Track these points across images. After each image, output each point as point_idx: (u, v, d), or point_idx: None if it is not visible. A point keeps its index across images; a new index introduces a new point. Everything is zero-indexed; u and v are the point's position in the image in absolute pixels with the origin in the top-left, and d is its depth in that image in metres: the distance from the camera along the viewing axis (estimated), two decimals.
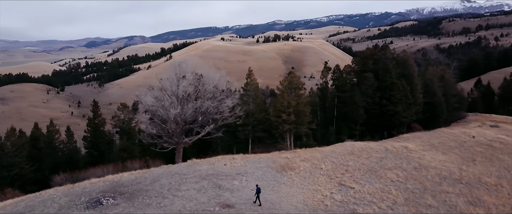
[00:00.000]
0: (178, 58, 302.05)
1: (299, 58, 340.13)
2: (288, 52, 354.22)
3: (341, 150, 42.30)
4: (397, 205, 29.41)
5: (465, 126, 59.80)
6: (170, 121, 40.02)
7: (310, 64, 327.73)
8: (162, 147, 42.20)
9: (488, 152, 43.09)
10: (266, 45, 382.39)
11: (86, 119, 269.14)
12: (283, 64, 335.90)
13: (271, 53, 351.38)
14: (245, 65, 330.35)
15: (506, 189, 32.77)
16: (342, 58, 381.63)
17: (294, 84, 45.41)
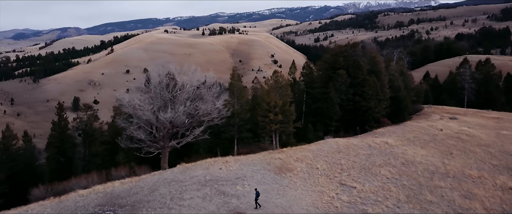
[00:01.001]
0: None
1: (246, 51, 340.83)
2: (235, 45, 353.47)
3: (328, 148, 42.96)
4: (402, 203, 30.48)
5: (428, 119, 63.41)
6: (160, 124, 38.13)
7: (257, 57, 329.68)
8: (147, 152, 40.16)
9: (459, 144, 45.99)
10: (213, 38, 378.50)
11: (22, 117, 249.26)
12: (231, 57, 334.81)
13: (218, 46, 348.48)
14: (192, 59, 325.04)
15: (489, 181, 35.22)
16: (287, 51, 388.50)
17: (280, 83, 45.36)
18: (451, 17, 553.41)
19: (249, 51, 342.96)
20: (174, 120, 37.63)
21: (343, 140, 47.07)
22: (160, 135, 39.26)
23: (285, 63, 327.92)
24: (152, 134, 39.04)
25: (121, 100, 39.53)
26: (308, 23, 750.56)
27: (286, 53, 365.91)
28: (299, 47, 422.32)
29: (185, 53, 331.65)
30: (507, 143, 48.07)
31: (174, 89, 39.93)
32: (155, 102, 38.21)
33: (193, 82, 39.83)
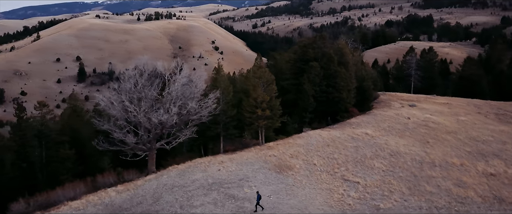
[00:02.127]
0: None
1: (186, 37, 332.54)
2: (173, 31, 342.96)
3: (315, 142, 43.41)
4: (406, 196, 31.74)
5: (391, 107, 66.51)
6: (151, 126, 35.77)
7: (198, 43, 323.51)
8: (134, 155, 37.65)
9: (431, 133, 48.88)
10: (149, 24, 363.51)
11: None
12: (170, 44, 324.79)
13: (155, 32, 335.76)
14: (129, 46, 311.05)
15: (472, 168, 37.92)
16: (227, 38, 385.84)
17: (265, 78, 44.60)
18: (379, 4, 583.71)
19: (188, 37, 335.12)
20: (166, 121, 35.54)
21: (325, 132, 47.80)
22: (150, 137, 36.94)
23: (227, 50, 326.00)
24: (139, 136, 36.55)
25: (103, 102, 36.39)
26: (245, 9, 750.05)
27: (226, 40, 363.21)
28: (238, 34, 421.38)
29: (121, 40, 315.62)
30: (469, 129, 52.05)
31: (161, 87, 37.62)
32: (143, 103, 35.69)
33: (181, 79, 37.77)
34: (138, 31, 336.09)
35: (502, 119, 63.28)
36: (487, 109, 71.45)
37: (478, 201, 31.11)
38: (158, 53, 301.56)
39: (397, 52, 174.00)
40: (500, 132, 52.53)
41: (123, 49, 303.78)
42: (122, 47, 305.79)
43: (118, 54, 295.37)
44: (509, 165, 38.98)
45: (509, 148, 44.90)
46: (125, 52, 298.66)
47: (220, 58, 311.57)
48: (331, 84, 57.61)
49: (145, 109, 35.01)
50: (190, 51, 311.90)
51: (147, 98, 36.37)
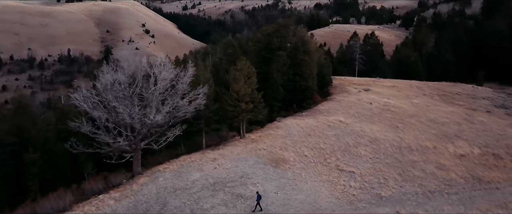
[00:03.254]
0: None
1: (114, 20, 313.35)
2: (99, 13, 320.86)
3: (295, 132, 44.17)
4: (400, 182, 33.79)
5: (349, 92, 69.32)
6: (142, 127, 33.71)
7: (127, 27, 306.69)
8: (119, 157, 35.37)
9: (396, 117, 52.09)
10: (71, 6, 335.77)
11: None
12: (96, 27, 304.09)
13: (79, 15, 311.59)
14: (50, 30, 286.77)
15: (444, 151, 41.26)
16: (157, 20, 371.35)
17: (245, 71, 43.79)
18: None
19: (116, 20, 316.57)
20: (157, 121, 33.78)
21: (300, 121, 48.74)
22: (136, 137, 34.88)
23: (158, 33, 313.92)
24: (124, 136, 34.33)
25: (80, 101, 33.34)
26: None
27: (157, 23, 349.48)
28: (169, 16, 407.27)
29: (40, 23, 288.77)
30: (425, 111, 56.31)
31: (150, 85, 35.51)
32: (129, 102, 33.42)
33: (167, 75, 35.87)
34: (60, 14, 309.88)
35: (446, 100, 69.28)
36: (429, 90, 77.68)
37: (461, 182, 34.15)
38: (83, 37, 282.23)
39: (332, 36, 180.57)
40: (451, 113, 57.56)
41: (43, 34, 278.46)
42: (42, 32, 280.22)
43: (38, 39, 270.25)
44: (472, 145, 43.06)
45: (465, 128, 49.47)
46: (46, 36, 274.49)
47: (151, 42, 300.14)
48: (297, 73, 58.55)
49: (137, 110, 32.83)
50: (119, 35, 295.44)
51: (132, 97, 34.16)
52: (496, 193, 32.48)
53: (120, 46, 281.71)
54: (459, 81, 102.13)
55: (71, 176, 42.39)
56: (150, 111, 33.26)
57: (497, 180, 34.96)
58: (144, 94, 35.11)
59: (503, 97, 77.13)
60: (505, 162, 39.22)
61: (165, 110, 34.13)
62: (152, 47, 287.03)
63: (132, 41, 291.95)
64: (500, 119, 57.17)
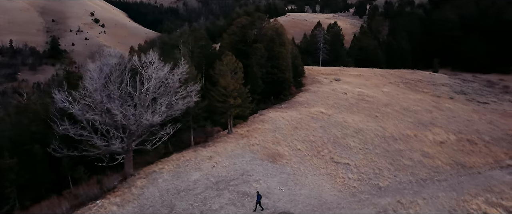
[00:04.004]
0: None
1: (59, 9, 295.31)
2: (43, 2, 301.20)
3: (282, 125, 44.60)
4: (394, 172, 35.29)
5: (320, 82, 70.63)
6: (137, 128, 32.47)
7: (74, 16, 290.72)
8: (111, 159, 34.02)
9: (372, 107, 54.04)
10: None
11: None
12: (40, 16, 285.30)
13: (21, 4, 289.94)
14: None
15: (424, 138, 43.49)
16: (106, 8, 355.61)
17: (232, 66, 43.18)
18: None
19: (62, 8, 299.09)
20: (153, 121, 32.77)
21: (284, 114, 49.21)
22: (132, 139, 33.65)
23: (108, 22, 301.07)
24: (120, 138, 33.00)
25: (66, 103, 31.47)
26: None
27: (106, 11, 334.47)
28: (119, 4, 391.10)
29: None
30: (397, 100, 58.91)
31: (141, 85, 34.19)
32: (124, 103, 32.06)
33: (161, 74, 34.67)
34: None
35: (411, 88, 72.81)
36: (393, 78, 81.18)
37: (448, 169, 36.31)
38: (26, 28, 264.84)
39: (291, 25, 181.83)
40: (420, 101, 60.66)
41: None
42: None
43: None
44: (448, 132, 45.77)
45: (437, 115, 52.40)
46: None
47: (101, 31, 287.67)
48: (275, 65, 58.84)
49: (132, 111, 31.57)
50: (66, 25, 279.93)
51: (123, 97, 32.82)
52: (479, 177, 34.89)
53: (68, 36, 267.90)
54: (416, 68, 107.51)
55: (51, 181, 40.22)
56: (144, 111, 32.07)
57: (478, 164, 37.55)
58: (134, 94, 33.77)
59: (460, 84, 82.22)
60: (480, 147, 42.13)
61: (162, 109, 33.10)
62: (102, 37, 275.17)
63: (81, 31, 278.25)
64: (463, 105, 61.07)
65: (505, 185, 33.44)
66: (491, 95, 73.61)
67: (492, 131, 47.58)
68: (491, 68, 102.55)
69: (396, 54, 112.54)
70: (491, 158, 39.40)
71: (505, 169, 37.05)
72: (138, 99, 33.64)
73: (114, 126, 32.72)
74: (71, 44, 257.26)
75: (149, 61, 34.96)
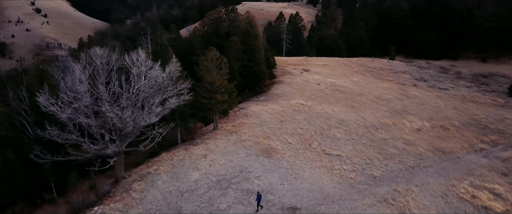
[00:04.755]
0: None
1: None
2: None
3: (267, 118, 44.97)
4: (384, 161, 36.84)
5: (291, 73, 71.47)
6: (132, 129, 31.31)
7: (13, 6, 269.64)
8: (102, 163, 32.72)
9: (347, 97, 55.75)
10: None
11: None
12: None
13: None
14: None
15: (403, 126, 45.65)
16: None
17: (216, 62, 42.44)
18: None
19: None
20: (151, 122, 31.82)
21: (265, 107, 49.51)
22: (126, 141, 32.49)
23: (51, 12, 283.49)
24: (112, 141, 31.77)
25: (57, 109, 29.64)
26: None
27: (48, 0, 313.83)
28: None
29: None
30: (368, 89, 61.16)
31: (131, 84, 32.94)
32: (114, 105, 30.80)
33: (152, 72, 33.55)
34: None
35: (376, 76, 75.77)
36: (356, 67, 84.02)
37: (430, 155, 38.53)
38: None
39: None
40: (388, 89, 63.40)
41: None
42: None
43: None
44: (421, 119, 48.38)
45: (407, 103, 55.12)
46: None
47: (44, 22, 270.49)
48: (251, 58, 58.84)
49: (129, 113, 30.39)
50: (4, 16, 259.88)
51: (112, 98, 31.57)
52: (460, 162, 37.42)
53: (7, 27, 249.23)
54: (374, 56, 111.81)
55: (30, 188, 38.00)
56: (138, 112, 31.04)
57: (455, 150, 40.18)
58: (125, 94, 32.51)
59: (417, 71, 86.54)
60: (453, 132, 45.02)
61: (158, 109, 32.20)
62: (45, 28, 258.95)
63: (21, 21, 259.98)
64: (427, 92, 64.63)
65: (483, 168, 36.19)
66: (448, 81, 78.36)
67: (459, 116, 50.93)
68: (442, 54, 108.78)
69: (355, 43, 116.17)
70: (465, 142, 42.28)
71: (479, 153, 39.99)
72: (129, 99, 32.42)
73: (108, 128, 31.38)
74: (10, 36, 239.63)
75: (139, 60, 33.70)
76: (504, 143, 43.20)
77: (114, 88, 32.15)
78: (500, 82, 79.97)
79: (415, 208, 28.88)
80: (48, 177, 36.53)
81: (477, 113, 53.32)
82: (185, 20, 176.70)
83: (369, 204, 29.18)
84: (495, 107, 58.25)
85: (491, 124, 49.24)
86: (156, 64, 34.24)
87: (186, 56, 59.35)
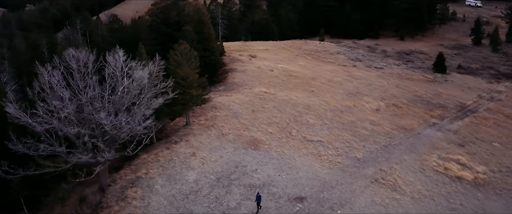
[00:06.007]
0: None
1: None
2: None
3: (238, 110, 45.13)
4: (361, 143, 39.40)
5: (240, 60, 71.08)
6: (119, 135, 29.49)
7: None
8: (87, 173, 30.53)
9: (303, 82, 57.86)
10: None
11: None
12: None
13: None
14: None
15: (363, 107, 48.92)
16: None
17: (187, 55, 40.72)
18: None
19: None
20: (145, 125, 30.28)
21: (231, 98, 49.43)
22: (114, 147, 30.58)
23: None
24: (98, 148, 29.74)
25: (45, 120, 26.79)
26: None
27: None
28: None
29: None
30: (318, 72, 64.11)
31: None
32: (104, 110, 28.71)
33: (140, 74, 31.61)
34: None
35: (317, 58, 79.35)
36: (294, 50, 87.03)
37: (396, 133, 42.18)
38: None
39: None
40: (334, 71, 67.06)
41: None
42: None
43: None
44: (375, 99, 52.30)
45: (357, 85, 59.00)
46: None
47: None
48: (207, 47, 57.81)
49: (124, 119, 28.55)
50: None
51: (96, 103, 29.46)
52: (421, 137, 41.63)
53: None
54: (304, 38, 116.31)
55: None
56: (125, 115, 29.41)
57: (414, 126, 44.47)
58: (110, 98, 30.48)
59: (349, 51, 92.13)
60: (405, 110, 49.55)
61: (148, 112, 30.71)
62: None
63: None
64: (368, 72, 69.58)
65: (442, 141, 40.77)
66: (379, 60, 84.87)
67: (404, 94, 56.03)
68: (365, 34, 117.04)
69: (285, 26, 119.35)
70: (419, 118, 46.93)
71: (433, 127, 44.79)
72: (115, 103, 30.45)
73: (94, 136, 29.26)
74: None
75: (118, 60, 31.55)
76: (448, 116, 48.81)
77: (94, 93, 29.85)
78: (421, 59, 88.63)
79: (403, 185, 31.85)
80: (18, 194, 33.06)
81: (417, 90, 59.06)
82: (101, 6, 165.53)
83: (364, 186, 31.45)
84: (428, 83, 64.95)
85: (431, 99, 55.03)
86: (138, 63, 32.33)
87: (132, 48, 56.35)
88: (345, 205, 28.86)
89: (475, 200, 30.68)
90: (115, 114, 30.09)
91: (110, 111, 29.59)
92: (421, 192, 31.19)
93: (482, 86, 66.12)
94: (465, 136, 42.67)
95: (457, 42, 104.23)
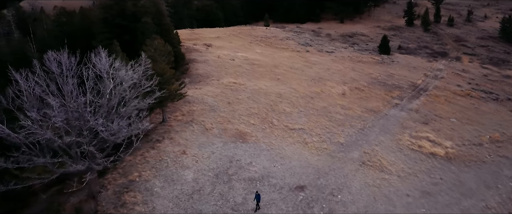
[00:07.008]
0: None
1: None
2: None
3: (212, 102, 44.79)
4: (338, 127, 41.24)
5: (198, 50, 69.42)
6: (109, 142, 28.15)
7: None
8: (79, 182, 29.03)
9: (266, 70, 58.65)
10: None
11: None
12: None
13: None
14: None
15: (330, 93, 50.97)
16: None
17: (163, 50, 38.91)
18: None
19: None
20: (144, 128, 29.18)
21: (202, 90, 48.80)
22: (106, 152, 29.14)
23: None
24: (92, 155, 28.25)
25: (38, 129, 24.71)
26: None
27: None
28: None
29: None
30: (277, 59, 65.31)
31: None
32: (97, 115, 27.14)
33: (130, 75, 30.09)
34: None
35: (270, 45, 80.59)
36: (246, 37, 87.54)
37: (367, 116, 44.74)
38: None
39: None
40: (291, 58, 68.74)
41: None
42: None
43: None
44: (339, 84, 54.74)
45: (317, 70, 61.14)
46: None
47: None
48: (168, 40, 55.86)
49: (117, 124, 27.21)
50: None
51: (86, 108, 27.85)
52: (389, 118, 44.67)
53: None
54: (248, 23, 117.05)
55: None
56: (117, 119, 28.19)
57: (380, 108, 47.48)
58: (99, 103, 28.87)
59: (296, 35, 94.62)
60: (367, 92, 52.57)
61: (143, 113, 29.58)
62: None
63: None
64: (321, 57, 72.26)
65: (408, 121, 44.14)
66: (327, 43, 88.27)
67: (362, 77, 59.27)
68: (307, 18, 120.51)
69: (230, 11, 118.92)
70: (382, 100, 50.13)
71: (396, 107, 48.19)
72: (103, 106, 28.90)
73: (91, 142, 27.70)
74: None
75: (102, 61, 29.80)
76: (405, 96, 52.72)
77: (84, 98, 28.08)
78: (364, 41, 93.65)
79: (388, 165, 34.26)
80: None
81: (371, 72, 62.72)
82: None
83: (355, 169, 33.33)
84: (378, 65, 69.15)
85: (386, 80, 58.86)
86: (125, 64, 30.81)
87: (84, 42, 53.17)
88: (343, 189, 30.46)
89: (451, 174, 33.99)
90: (104, 117, 28.57)
91: (103, 115, 28.05)
92: (404, 170, 33.82)
93: (424, 65, 71.86)
94: (426, 114, 46.55)
95: (392, 24, 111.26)
